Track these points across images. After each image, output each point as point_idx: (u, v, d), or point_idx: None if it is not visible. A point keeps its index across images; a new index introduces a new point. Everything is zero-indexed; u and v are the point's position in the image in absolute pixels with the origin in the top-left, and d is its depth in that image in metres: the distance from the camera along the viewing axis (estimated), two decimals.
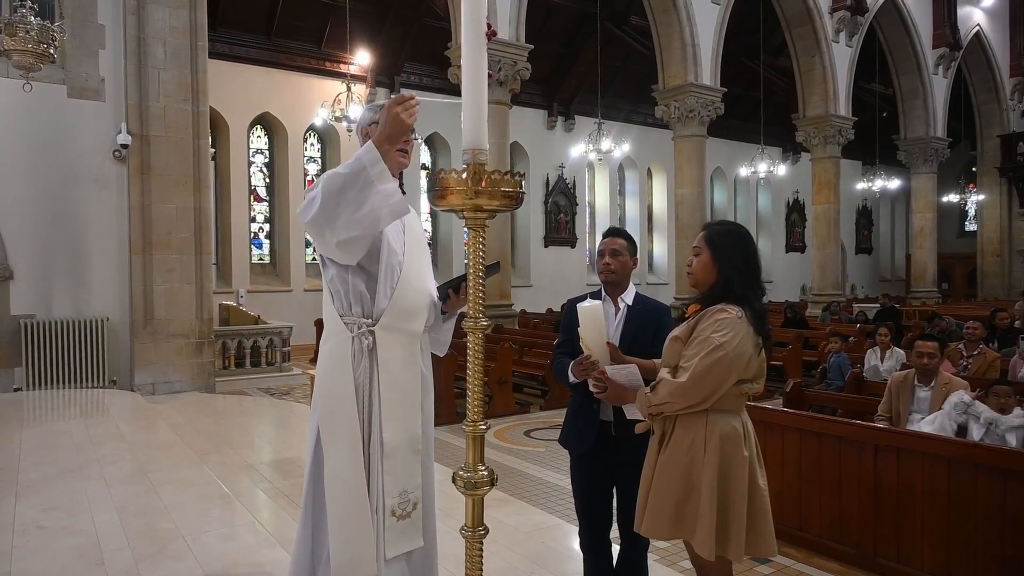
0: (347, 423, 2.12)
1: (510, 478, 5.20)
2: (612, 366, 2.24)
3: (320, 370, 2.21)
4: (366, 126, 2.30)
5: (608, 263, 2.65)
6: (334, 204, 2.01)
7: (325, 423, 2.15)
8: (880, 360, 6.60)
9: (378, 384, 2.17)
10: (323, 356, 2.20)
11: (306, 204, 2.07)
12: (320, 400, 2.18)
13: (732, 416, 2.06)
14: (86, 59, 8.23)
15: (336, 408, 2.14)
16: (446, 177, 1.68)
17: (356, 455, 2.11)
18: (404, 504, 2.21)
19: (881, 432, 3.74)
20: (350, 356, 2.14)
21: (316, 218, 2.02)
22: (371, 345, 2.17)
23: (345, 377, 2.13)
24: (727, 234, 2.14)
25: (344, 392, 2.13)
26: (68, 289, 8.11)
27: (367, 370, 2.16)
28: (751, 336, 2.01)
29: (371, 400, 2.16)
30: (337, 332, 2.17)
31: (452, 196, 1.69)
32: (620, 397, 2.20)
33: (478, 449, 1.78)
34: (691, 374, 2.00)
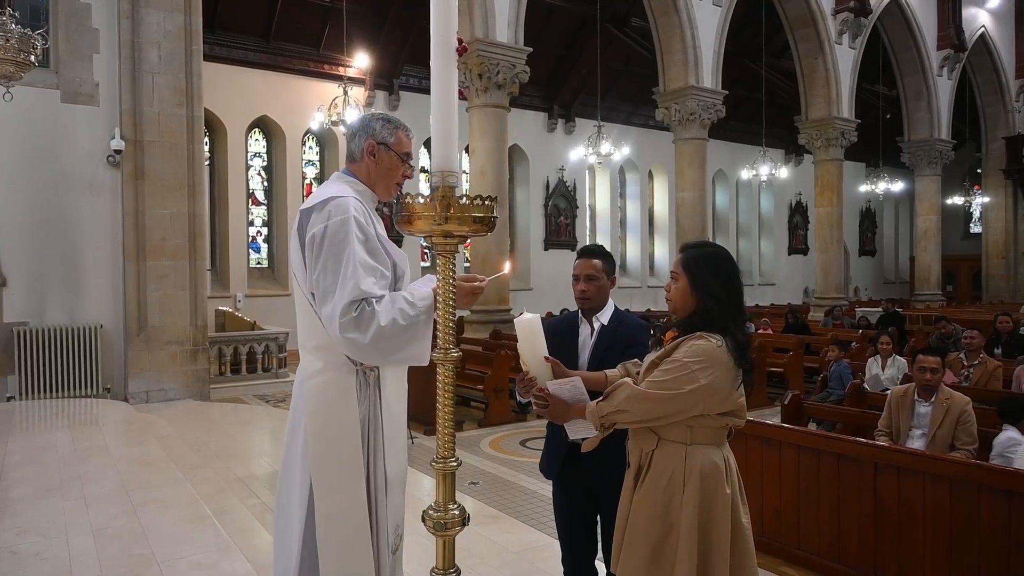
0: (350, 463, 1.97)
1: (503, 492, 5.11)
2: (554, 381, 2.08)
3: (311, 405, 1.98)
4: (375, 143, 2.14)
5: (584, 290, 2.56)
6: (390, 345, 1.91)
7: (321, 464, 1.97)
8: (881, 368, 6.49)
9: (381, 417, 2.05)
10: (314, 391, 2.00)
11: (365, 317, 1.88)
12: (314, 438, 1.97)
13: (712, 450, 1.94)
14: (80, 63, 8.17)
15: (337, 446, 1.97)
16: (412, 203, 1.59)
17: (359, 495, 1.97)
18: (396, 539, 2.12)
19: (881, 450, 3.63)
20: (355, 388, 2.00)
21: (373, 340, 1.88)
22: (377, 377, 2.05)
23: (349, 412, 1.98)
24: (705, 259, 2.01)
25: (348, 428, 1.97)
26: (61, 296, 8.05)
27: (372, 404, 2.03)
28: (730, 369, 1.89)
29: (376, 434, 2.03)
30: (334, 365, 2.00)
31: (420, 222, 1.60)
32: (563, 414, 2.06)
33: (449, 487, 1.69)
34: (655, 384, 1.88)
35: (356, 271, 1.91)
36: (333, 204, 1.99)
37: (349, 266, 1.92)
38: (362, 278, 1.91)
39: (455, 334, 1.67)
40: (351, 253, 1.93)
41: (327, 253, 1.94)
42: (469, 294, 1.97)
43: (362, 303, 1.90)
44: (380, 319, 1.89)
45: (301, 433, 1.99)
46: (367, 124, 2.18)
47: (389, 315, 1.89)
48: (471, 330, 11.08)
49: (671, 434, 1.93)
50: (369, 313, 1.89)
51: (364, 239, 1.98)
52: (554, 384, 2.09)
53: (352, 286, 1.90)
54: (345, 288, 1.90)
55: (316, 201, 2.03)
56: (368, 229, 2.01)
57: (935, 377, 4.08)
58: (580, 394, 2.08)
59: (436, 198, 1.57)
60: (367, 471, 1.99)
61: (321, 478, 1.96)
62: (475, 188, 10.97)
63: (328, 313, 1.91)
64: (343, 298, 1.89)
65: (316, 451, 1.97)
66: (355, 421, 1.98)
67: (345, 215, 1.96)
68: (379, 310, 1.90)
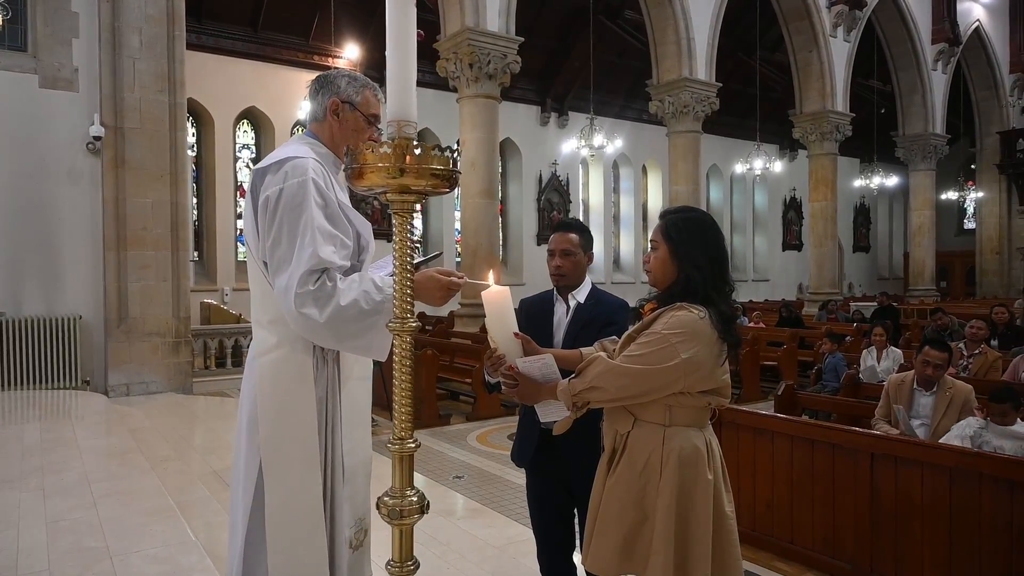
0: (304, 448, 1.79)
1: (488, 485, 4.96)
2: (524, 359, 1.91)
3: (264, 385, 1.81)
4: (340, 101, 1.95)
5: (559, 265, 2.39)
6: (348, 330, 1.74)
7: (273, 449, 1.79)
8: (877, 360, 6.36)
9: (340, 398, 1.87)
10: (266, 368, 1.82)
11: (319, 292, 1.72)
12: (266, 421, 1.80)
13: (693, 432, 1.77)
14: (59, 48, 7.97)
15: (291, 430, 1.79)
16: (364, 152, 1.43)
17: (314, 484, 1.79)
18: (359, 533, 1.95)
19: (878, 439, 3.49)
20: (311, 367, 1.82)
21: (330, 320, 1.71)
22: (337, 355, 1.87)
23: (305, 392, 1.80)
24: (687, 224, 1.84)
25: (303, 411, 1.80)
26: (39, 286, 7.86)
27: (330, 382, 1.85)
28: (713, 342, 1.73)
29: (333, 418, 1.85)
30: (289, 341, 1.81)
31: (372, 175, 1.43)
32: (533, 394, 1.89)
33: (406, 471, 1.53)
34: (632, 358, 1.72)
35: (315, 238, 1.75)
36: (290, 165, 1.82)
37: (307, 233, 1.75)
38: (321, 245, 1.74)
39: (412, 303, 1.50)
40: (309, 218, 1.76)
41: (282, 218, 1.77)
42: (444, 288, 1.80)
43: (323, 276, 1.73)
44: (340, 298, 1.72)
45: (250, 414, 1.83)
46: (331, 80, 1.99)
47: (351, 295, 1.73)
48: (461, 324, 10.93)
49: (648, 414, 1.78)
50: (329, 289, 1.73)
51: (323, 204, 1.81)
52: (524, 362, 1.92)
53: (310, 254, 1.73)
54: (302, 256, 1.73)
55: (271, 161, 1.86)
56: (328, 194, 1.84)
57: (937, 373, 3.93)
58: (552, 372, 1.92)
59: (390, 148, 1.40)
60: (323, 458, 1.83)
61: (272, 465, 1.79)
62: (467, 180, 10.80)
63: (283, 284, 1.74)
64: (300, 267, 1.72)
65: (267, 435, 1.80)
66: (310, 403, 1.81)
67: (303, 177, 1.79)
68: (341, 288, 1.73)
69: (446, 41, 10.72)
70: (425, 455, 5.99)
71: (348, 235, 1.86)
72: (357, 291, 1.74)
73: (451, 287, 1.82)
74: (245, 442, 1.83)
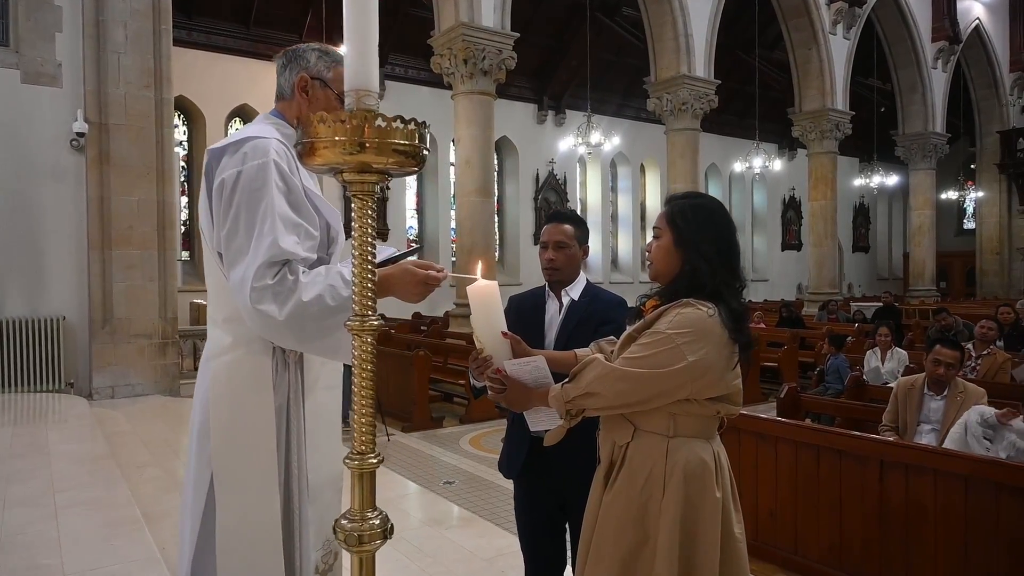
0: (260, 461, 1.60)
1: (479, 491, 4.77)
2: (513, 360, 1.73)
3: (216, 391, 1.63)
4: (309, 78, 1.76)
5: (552, 258, 2.21)
6: (311, 329, 1.56)
7: (225, 462, 1.60)
8: (881, 362, 6.19)
9: (303, 407, 1.69)
10: (219, 372, 1.64)
11: (279, 284, 1.53)
12: (218, 431, 1.61)
13: (700, 443, 1.59)
14: (42, 43, 7.78)
15: (245, 442, 1.60)
16: (317, 125, 1.24)
17: (271, 502, 1.61)
18: (328, 556, 1.76)
19: (887, 446, 3.31)
20: (270, 371, 1.64)
21: (290, 318, 1.52)
22: (300, 358, 1.69)
23: (262, 399, 1.62)
24: (694, 211, 1.65)
25: (260, 420, 1.61)
26: (22, 287, 7.67)
27: (292, 389, 1.66)
28: (723, 343, 1.55)
29: (296, 428, 1.66)
30: (246, 341, 1.63)
31: (326, 151, 1.24)
32: (522, 399, 1.71)
33: (367, 490, 1.34)
34: (632, 361, 1.54)
35: (275, 226, 1.56)
36: (250, 146, 1.63)
37: (267, 220, 1.57)
38: (282, 234, 1.56)
39: (374, 298, 1.32)
40: (269, 204, 1.58)
41: (239, 204, 1.59)
42: (420, 283, 1.61)
43: (283, 269, 1.55)
44: (303, 293, 1.53)
45: (202, 422, 1.65)
46: (300, 55, 1.81)
47: (315, 290, 1.54)
48: (455, 324, 10.75)
49: (650, 423, 1.60)
50: (291, 283, 1.54)
51: (286, 189, 1.62)
52: (512, 364, 1.74)
53: (269, 243, 1.55)
54: (260, 246, 1.55)
55: (229, 141, 1.67)
56: (292, 179, 1.65)
57: (949, 373, 3.75)
58: (543, 376, 1.74)
59: (346, 120, 1.22)
60: (283, 473, 1.64)
61: (224, 480, 1.60)
62: (462, 178, 10.64)
63: (238, 277, 1.56)
64: (257, 258, 1.54)
65: (219, 446, 1.61)
66: (268, 411, 1.62)
67: (264, 159, 1.61)
68: (304, 282, 1.54)
69: (440, 36, 10.53)
70: (416, 459, 5.80)
71: (314, 224, 1.67)
72: (322, 285, 1.55)
73: (429, 281, 1.64)
74: (195, 453, 1.65)
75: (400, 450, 6.11)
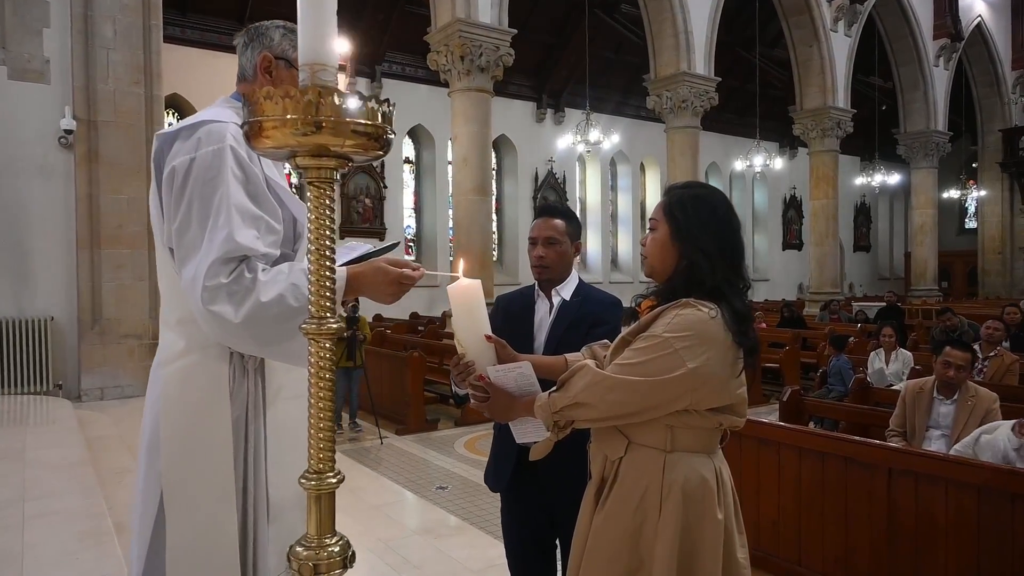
0: (215, 478, 1.46)
1: (472, 497, 4.62)
2: (497, 366, 1.59)
3: (167, 401, 1.49)
4: (273, 58, 1.62)
5: (541, 255, 2.07)
6: (271, 332, 1.41)
7: (176, 479, 1.46)
8: (885, 363, 6.04)
9: (264, 418, 1.53)
10: (171, 380, 1.49)
11: (235, 281, 1.39)
12: (169, 444, 1.47)
13: (700, 459, 1.45)
14: (29, 38, 7.64)
15: (199, 456, 1.46)
16: (263, 102, 1.10)
17: (227, 522, 1.46)
18: None
19: (897, 453, 3.17)
20: (227, 379, 1.49)
21: (248, 320, 1.38)
22: (260, 364, 1.54)
23: (218, 410, 1.47)
24: (695, 202, 1.52)
25: (215, 433, 1.46)
26: (9, 286, 7.52)
27: (251, 399, 1.51)
28: (726, 347, 1.40)
29: (255, 442, 1.51)
30: (200, 346, 1.48)
31: (276, 131, 1.09)
32: (507, 409, 1.56)
33: (325, 513, 1.20)
34: (626, 367, 1.40)
35: (230, 218, 1.42)
36: (205, 130, 1.49)
37: (221, 212, 1.43)
38: (238, 228, 1.42)
39: (331, 298, 1.17)
40: (225, 195, 1.44)
41: (192, 194, 1.44)
42: (393, 282, 1.47)
43: (240, 266, 1.41)
44: (262, 293, 1.39)
45: (151, 435, 1.50)
46: (263, 32, 1.67)
47: (276, 289, 1.39)
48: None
49: (645, 437, 1.45)
50: (248, 282, 1.40)
51: (244, 179, 1.48)
52: (496, 370, 1.60)
53: (224, 238, 1.40)
54: (214, 241, 1.41)
55: (183, 125, 1.53)
56: (252, 168, 1.50)
57: (960, 375, 3.60)
58: (529, 383, 1.60)
59: (298, 97, 1.08)
60: (242, 491, 1.50)
61: (174, 498, 1.46)
62: (459, 177, 10.50)
63: (190, 275, 1.42)
64: (210, 254, 1.40)
65: (169, 461, 1.47)
66: (224, 423, 1.48)
67: (219, 145, 1.47)
68: (263, 280, 1.40)
69: (436, 33, 10.39)
70: (409, 463, 5.66)
71: (277, 218, 1.52)
72: (284, 284, 1.41)
73: (403, 280, 1.49)
74: (143, 468, 1.50)
75: (393, 453, 5.97)
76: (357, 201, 14.18)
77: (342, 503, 3.62)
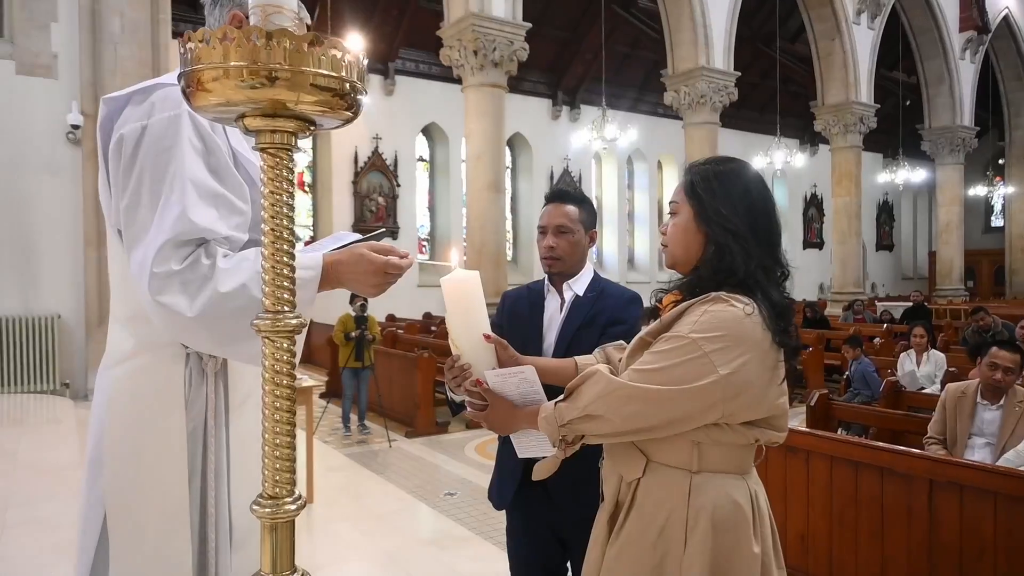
0: (166, 499, 1.27)
1: (482, 505, 4.41)
2: (496, 370, 1.39)
3: (113, 409, 1.30)
4: (243, 16, 1.36)
5: (552, 246, 1.85)
6: (232, 329, 1.21)
7: (120, 500, 1.26)
8: (917, 365, 5.75)
9: (227, 430, 1.34)
10: (119, 384, 1.30)
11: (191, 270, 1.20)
12: (114, 459, 1.27)
13: (732, 481, 1.23)
14: (36, 32, 7.55)
15: (147, 474, 1.26)
16: (199, 47, 0.90)
17: (179, 551, 1.27)
18: None
19: (940, 464, 2.92)
20: (182, 383, 1.29)
21: (204, 314, 1.18)
22: (222, 366, 1.34)
23: (171, 421, 1.27)
24: (721, 177, 1.28)
25: (167, 447, 1.27)
26: (15, 284, 7.44)
27: (211, 407, 1.31)
28: (765, 349, 1.18)
29: (215, 458, 1.31)
30: (151, 346, 1.29)
31: (217, 84, 0.89)
32: (507, 420, 1.36)
33: (284, 547, 1.00)
34: (646, 374, 1.18)
35: (185, 194, 1.22)
36: (160, 94, 1.28)
37: (175, 187, 1.23)
38: (195, 205, 1.22)
39: (291, 289, 0.97)
40: (180, 167, 1.24)
41: (143, 166, 1.25)
42: (378, 272, 1.27)
43: (197, 251, 1.21)
44: (221, 281, 1.19)
45: (94, 448, 1.31)
46: None
47: (238, 278, 1.20)
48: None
49: (667, 455, 1.24)
50: (205, 269, 1.20)
51: (204, 150, 1.28)
52: (495, 375, 1.39)
53: (176, 216, 1.20)
54: (165, 219, 1.21)
55: (136, 88, 1.32)
56: (214, 139, 1.30)
57: (1009, 379, 3.33)
58: (532, 390, 1.39)
59: (241, 40, 0.87)
60: (198, 514, 1.30)
61: (119, 523, 1.27)
62: (473, 173, 10.30)
63: (137, 261, 1.22)
64: (161, 235, 1.20)
65: (113, 480, 1.28)
66: (179, 434, 1.28)
67: (176, 111, 1.26)
68: (222, 267, 1.20)
69: (449, 28, 10.21)
70: (417, 467, 5.47)
71: (244, 196, 1.32)
72: (248, 272, 1.21)
73: (389, 270, 1.29)
74: (85, 486, 1.32)
75: (401, 457, 5.78)
76: (370, 200, 14.04)
77: (346, 511, 3.42)
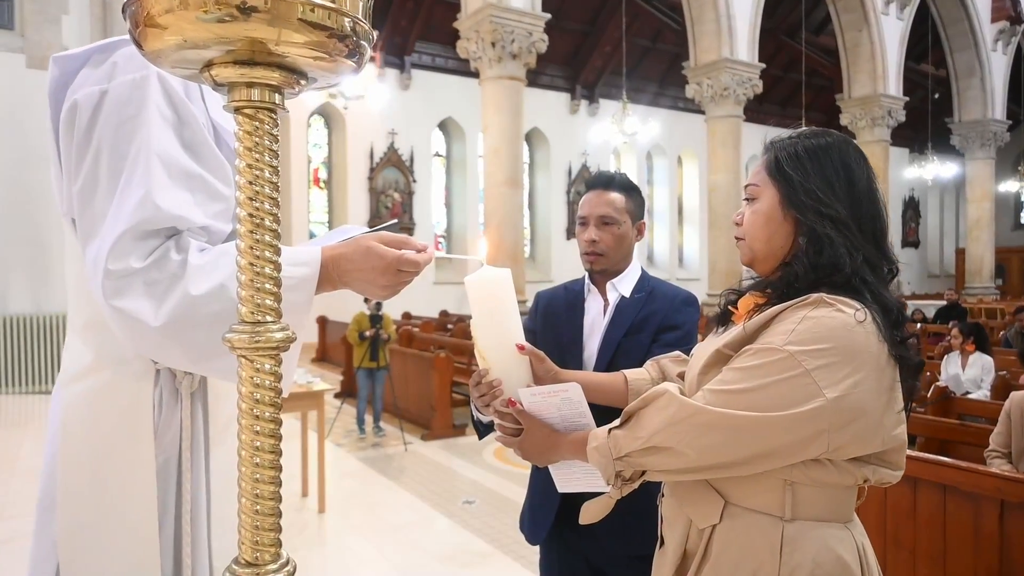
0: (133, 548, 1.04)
1: (501, 516, 4.19)
2: (532, 388, 1.16)
3: (69, 436, 1.07)
4: None
5: (594, 239, 1.57)
6: (205, 340, 0.97)
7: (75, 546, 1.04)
8: (961, 368, 5.45)
9: (207, 463, 1.11)
10: (76, 406, 1.07)
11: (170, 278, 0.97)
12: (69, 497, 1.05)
13: (836, 532, 0.99)
14: (47, 26, 7.43)
15: (109, 518, 1.04)
16: None
17: None
18: None
19: (1011, 483, 2.65)
20: (150, 407, 1.06)
21: (172, 323, 0.94)
22: (199, 384, 1.11)
23: (138, 451, 1.05)
24: (811, 154, 1.04)
25: (134, 483, 1.04)
26: (26, 282, 7.32)
27: (186, 433, 1.09)
28: (881, 367, 0.93)
29: (192, 493, 1.09)
30: (113, 359, 1.07)
31: (172, 18, 0.66)
32: (546, 448, 1.13)
33: None
34: (729, 396, 0.94)
35: (150, 173, 0.98)
36: (124, 53, 1.05)
37: (138, 164, 0.99)
38: (161, 187, 0.98)
39: (275, 293, 0.74)
40: (145, 141, 1.00)
41: (101, 140, 1.01)
42: (389, 269, 1.02)
43: (164, 244, 0.97)
44: (192, 282, 0.95)
45: (46, 484, 1.10)
46: None
47: (216, 277, 0.96)
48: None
49: (752, 497, 1.00)
50: (174, 266, 0.96)
51: (177, 120, 1.04)
52: (531, 393, 1.16)
53: (139, 200, 0.96)
54: (124, 205, 0.97)
55: (95, 46, 1.09)
56: (188, 107, 1.06)
57: None
58: (578, 412, 1.15)
59: None
60: (173, 563, 1.07)
61: (76, 573, 1.04)
62: (490, 168, 10.08)
63: (92, 256, 0.98)
64: (119, 224, 0.96)
65: (69, 523, 1.05)
66: (146, 468, 1.05)
67: (143, 72, 1.03)
68: (195, 264, 0.97)
69: (466, 19, 9.98)
70: (434, 472, 5.25)
71: (226, 179, 1.07)
72: (228, 269, 0.97)
73: (402, 266, 1.03)
74: (36, 531, 1.10)
75: (417, 461, 5.57)
76: (386, 195, 13.87)
77: (357, 522, 3.10)
